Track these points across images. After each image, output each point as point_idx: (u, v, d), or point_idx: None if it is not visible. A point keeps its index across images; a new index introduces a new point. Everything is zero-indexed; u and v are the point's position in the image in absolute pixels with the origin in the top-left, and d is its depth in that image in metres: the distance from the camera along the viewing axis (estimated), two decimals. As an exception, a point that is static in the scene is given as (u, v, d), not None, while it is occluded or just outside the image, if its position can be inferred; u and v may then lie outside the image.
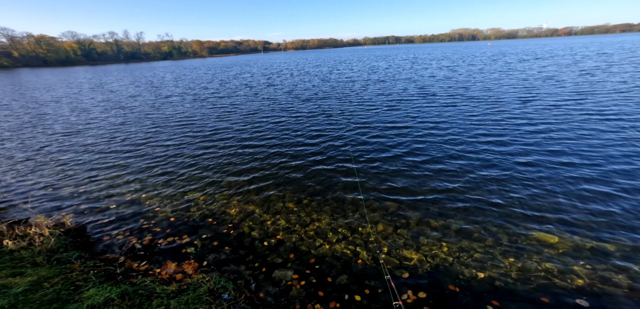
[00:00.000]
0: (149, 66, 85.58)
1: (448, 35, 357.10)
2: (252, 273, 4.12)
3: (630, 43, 61.41)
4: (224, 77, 36.45)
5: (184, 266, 4.07)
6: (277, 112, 14.27)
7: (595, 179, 5.93)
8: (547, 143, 7.92)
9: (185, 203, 6.00)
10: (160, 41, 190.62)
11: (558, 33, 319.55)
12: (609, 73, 19.55)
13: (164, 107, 17.21)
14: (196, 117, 14.05)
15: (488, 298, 3.52)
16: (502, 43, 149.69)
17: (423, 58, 52.12)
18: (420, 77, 24.31)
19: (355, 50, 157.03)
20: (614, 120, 9.48)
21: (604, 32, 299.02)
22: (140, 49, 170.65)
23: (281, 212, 5.55)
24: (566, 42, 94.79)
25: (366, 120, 11.59)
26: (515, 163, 6.89)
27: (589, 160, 6.77)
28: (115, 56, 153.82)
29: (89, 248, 4.48)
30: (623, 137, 8.01)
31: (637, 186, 5.53)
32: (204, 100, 19.24)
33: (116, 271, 3.69)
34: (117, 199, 6.32)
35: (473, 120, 10.54)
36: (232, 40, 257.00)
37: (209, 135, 10.85)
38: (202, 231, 5.04)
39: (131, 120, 14.31)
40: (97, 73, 61.74)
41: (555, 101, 12.47)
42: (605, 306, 3.30)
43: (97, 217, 5.59)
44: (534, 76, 20.55)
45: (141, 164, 8.34)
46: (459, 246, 4.39)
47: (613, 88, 14.31)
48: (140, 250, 4.38)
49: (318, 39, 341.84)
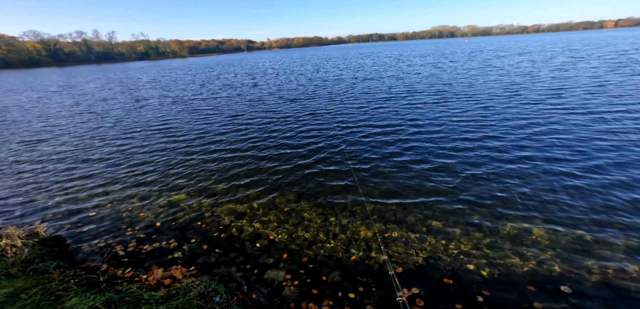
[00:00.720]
0: (124, 67, 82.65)
1: (429, 32, 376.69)
2: (243, 275, 4.14)
3: (593, 39, 66.77)
4: (206, 77, 35.83)
5: (172, 271, 4.03)
6: (263, 113, 14.23)
7: (579, 172, 6.35)
8: (533, 139, 8.37)
9: (171, 208, 5.91)
10: (135, 41, 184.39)
11: (528, 30, 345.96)
12: (579, 68, 20.88)
13: (140, 111, 16.69)
14: (176, 121, 13.76)
15: (478, 289, 3.72)
16: (478, 40, 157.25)
17: (407, 55, 53.63)
18: (406, 74, 24.94)
19: (341, 48, 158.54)
20: (594, 113, 10.15)
21: (568, 29, 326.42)
22: (113, 49, 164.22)
23: (271, 213, 5.59)
24: (536, 39, 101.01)
25: (355, 119, 11.80)
26: (501, 158, 7.25)
27: (573, 154, 7.23)
28: (85, 57, 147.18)
29: (68, 257, 4.34)
30: (605, 130, 8.60)
31: (620, 178, 5.98)
32: (185, 102, 18.84)
33: (99, 279, 3.61)
34: (96, 207, 6.12)
35: (460, 117, 10.96)
36: (213, 40, 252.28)
37: (191, 139, 10.67)
38: (190, 235, 4.99)
39: (105, 125, 13.81)
40: (65, 74, 58.91)
41: (537, 96, 13.18)
42: (586, 292, 3.57)
43: (74, 226, 5.40)
44: (512, 72, 21.63)
45: (120, 171, 8.09)
46: (448, 239, 4.60)
47: (587, 82, 15.31)
48: (124, 257, 4.29)
49: (303, 37, 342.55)
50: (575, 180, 5.93)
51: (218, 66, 59.50)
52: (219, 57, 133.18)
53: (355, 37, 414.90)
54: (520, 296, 3.56)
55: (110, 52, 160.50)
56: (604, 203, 5.16)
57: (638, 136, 7.87)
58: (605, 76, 16.91)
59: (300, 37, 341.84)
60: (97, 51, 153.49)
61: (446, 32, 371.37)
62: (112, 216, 5.69)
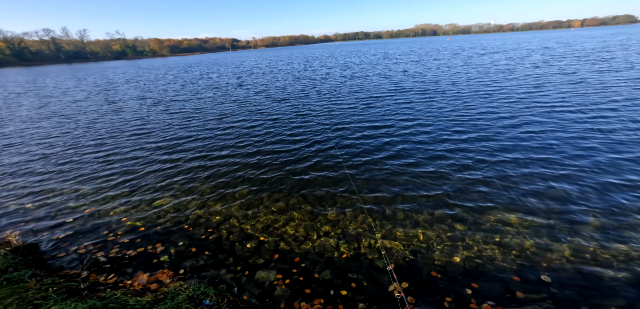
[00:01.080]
0: (98, 67, 79.32)
1: (412, 30, 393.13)
2: (234, 277, 4.12)
3: (564, 38, 71.93)
4: (188, 77, 35.02)
5: (158, 275, 3.95)
6: (249, 113, 14.11)
7: (558, 166, 6.71)
8: (514, 134, 8.75)
9: (155, 212, 5.77)
10: (110, 39, 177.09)
11: (504, 29, 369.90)
12: (557, 66, 22.05)
13: (117, 113, 16.13)
14: (157, 123, 13.40)
15: (467, 281, 3.88)
16: (459, 38, 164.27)
17: (393, 53, 54.75)
18: (394, 72, 25.41)
19: (327, 47, 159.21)
20: (573, 109, 10.74)
21: (539, 28, 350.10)
22: (85, 48, 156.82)
23: (260, 213, 5.58)
24: (512, 37, 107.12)
25: (344, 118, 11.91)
26: (484, 154, 7.55)
27: (552, 148, 7.63)
28: (55, 56, 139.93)
29: (44, 265, 4.15)
30: (583, 125, 9.11)
31: (594, 171, 6.37)
32: (167, 103, 18.37)
33: (80, 286, 3.49)
34: (72, 214, 5.87)
35: (445, 115, 11.29)
36: (196, 39, 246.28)
37: (174, 141, 10.43)
38: (177, 238, 4.90)
39: (79, 128, 13.23)
40: (33, 74, 55.82)
41: (519, 94, 13.79)
42: (563, 281, 3.79)
43: (50, 234, 5.17)
44: (494, 70, 22.56)
45: (97, 176, 7.79)
46: (436, 234, 4.75)
47: (567, 79, 16.17)
48: (106, 263, 4.16)
49: (289, 35, 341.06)
50: (554, 171, 6.28)
51: (202, 65, 58.26)
52: (202, 56, 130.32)
53: (341, 36, 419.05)
54: (504, 287, 3.74)
55: (82, 51, 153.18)
56: (579, 195, 5.49)
57: (612, 128, 8.41)
58: (578, 73, 17.94)
59: (287, 36, 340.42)
60: (68, 50, 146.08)
61: (429, 30, 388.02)
62: (91, 223, 5.48)
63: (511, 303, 3.51)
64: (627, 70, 17.88)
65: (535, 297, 3.58)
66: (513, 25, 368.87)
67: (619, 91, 12.87)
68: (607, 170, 6.29)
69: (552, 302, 3.48)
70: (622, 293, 3.52)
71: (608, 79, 15.62)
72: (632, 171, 6.14)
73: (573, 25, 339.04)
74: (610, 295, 3.51)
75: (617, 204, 5.12)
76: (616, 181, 5.82)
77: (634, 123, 8.87)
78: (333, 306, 3.65)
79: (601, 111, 10.30)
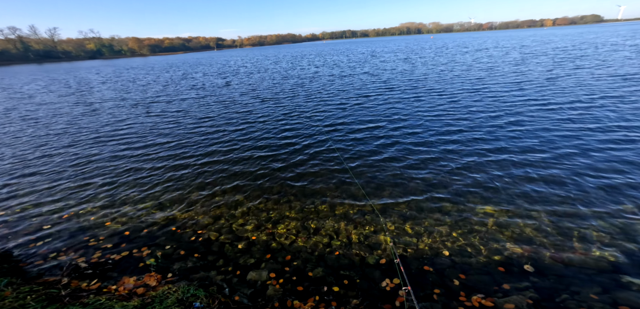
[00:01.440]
0: (71, 67, 76.10)
1: (398, 28, 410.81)
2: (224, 278, 4.09)
3: (539, 36, 77.13)
4: (170, 77, 34.18)
5: (145, 279, 3.87)
6: (236, 114, 13.96)
7: (540, 161, 7.02)
8: (498, 130, 9.08)
9: (139, 215, 5.63)
10: (84, 38, 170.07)
11: (482, 27, 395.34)
12: (536, 63, 23.07)
13: (94, 116, 15.57)
14: (137, 125, 13.04)
15: (454, 273, 4.01)
16: (442, 36, 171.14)
17: (380, 51, 55.59)
18: (382, 70, 25.77)
19: (315, 45, 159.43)
20: (552, 106, 11.27)
21: (515, 26, 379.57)
22: (56, 47, 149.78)
23: (250, 214, 5.55)
24: (490, 36, 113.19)
25: (334, 116, 11.99)
26: (469, 149, 7.81)
27: (534, 143, 7.98)
28: (23, 55, 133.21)
29: (20, 273, 3.96)
30: (561, 123, 9.57)
31: (573, 165, 6.72)
32: (147, 105, 17.89)
33: (61, 293, 3.37)
34: (49, 220, 5.63)
35: (432, 112, 11.57)
36: (178, 38, 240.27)
37: (157, 143, 10.19)
38: (164, 241, 4.80)
39: (51, 132, 12.69)
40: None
41: (501, 90, 14.32)
42: (543, 271, 3.99)
43: (25, 240, 4.94)
44: (477, 67, 23.36)
45: (74, 181, 7.50)
46: (423, 228, 4.89)
47: (545, 77, 16.93)
48: (88, 269, 4.02)
49: (276, 34, 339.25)
50: (539, 170, 6.58)
51: (185, 65, 56.96)
52: (186, 56, 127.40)
53: (328, 34, 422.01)
54: (491, 279, 3.91)
55: (54, 50, 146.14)
56: (558, 189, 5.79)
57: (590, 125, 8.89)
58: (554, 70, 18.83)
59: (274, 35, 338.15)
60: (37, 49, 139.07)
61: (413, 29, 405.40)
62: (69, 229, 5.28)
63: (497, 294, 3.67)
64: (606, 67, 18.93)
65: (520, 286, 3.75)
66: (491, 24, 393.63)
67: (595, 87, 13.60)
68: (584, 162, 6.65)
69: (534, 291, 3.66)
70: (596, 279, 3.75)
71: (584, 76, 16.49)
72: (607, 162, 6.52)
73: (546, 24, 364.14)
74: (587, 282, 3.74)
75: (593, 195, 5.44)
76: (593, 173, 6.17)
77: (610, 117, 9.41)
78: (326, 303, 3.69)
79: (580, 106, 10.86)
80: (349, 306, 3.65)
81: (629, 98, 11.41)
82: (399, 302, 3.62)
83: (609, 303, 3.43)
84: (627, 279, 3.73)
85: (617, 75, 16.23)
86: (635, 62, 20.46)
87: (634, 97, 11.60)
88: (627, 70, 17.52)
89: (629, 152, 6.98)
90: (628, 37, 46.73)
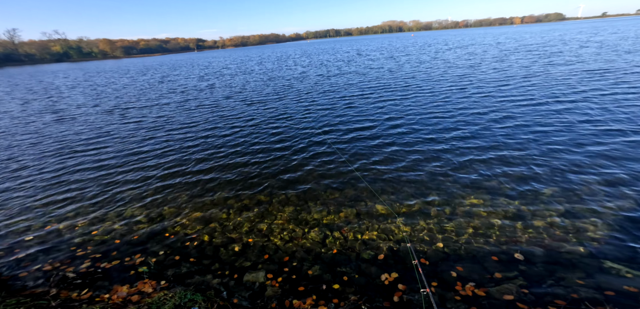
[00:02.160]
0: (35, 70, 72.51)
1: (380, 27, 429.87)
2: (221, 281, 4.11)
3: (511, 33, 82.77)
4: (147, 80, 33.27)
5: (139, 286, 3.84)
6: (220, 117, 13.85)
7: (528, 156, 7.45)
8: (485, 123, 9.52)
9: (127, 222, 5.53)
10: (48, 40, 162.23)
11: (459, 25, 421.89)
12: (512, 60, 24.22)
13: (64, 123, 15.00)
14: (115, 130, 12.69)
15: (451, 265, 4.21)
16: (423, 34, 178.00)
17: (365, 50, 56.73)
18: (369, 69, 26.21)
19: (299, 45, 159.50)
20: (535, 100, 11.90)
21: (488, 24, 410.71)
22: (17, 49, 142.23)
23: (243, 215, 5.58)
24: (466, 33, 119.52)
25: (323, 116, 12.13)
26: (459, 144, 8.15)
27: (520, 138, 8.42)
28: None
29: (4, 286, 3.82)
30: (546, 113, 10.14)
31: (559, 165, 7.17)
32: (123, 110, 17.40)
33: (50, 304, 3.30)
34: (31, 231, 5.44)
35: (420, 110, 11.94)
36: (154, 39, 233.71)
37: (143, 150, 9.98)
38: (156, 247, 4.75)
39: (18, 141, 12.14)
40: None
41: (484, 86, 14.96)
42: (531, 259, 4.27)
43: (6, 253, 4.76)
44: (461, 65, 24.26)
45: (54, 191, 7.25)
46: (417, 222, 5.10)
47: (523, 74, 17.82)
48: (77, 279, 3.94)
49: (259, 34, 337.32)
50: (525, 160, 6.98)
51: (163, 67, 55.56)
52: (163, 58, 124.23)
53: (312, 34, 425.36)
54: (482, 269, 4.13)
55: (14, 53, 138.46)
56: (545, 181, 6.18)
57: (572, 117, 9.49)
58: (534, 67, 19.88)
59: (257, 35, 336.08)
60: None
61: (395, 27, 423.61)
62: (53, 240, 5.12)
63: (490, 283, 3.89)
64: (576, 63, 20.13)
65: (510, 275, 4.00)
66: (467, 22, 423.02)
67: (569, 81, 14.48)
68: (566, 154, 7.11)
69: (523, 279, 3.91)
70: (580, 265, 4.06)
71: (558, 71, 17.49)
72: (588, 154, 7.00)
73: (515, 22, 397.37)
74: (570, 267, 4.04)
75: (575, 184, 5.84)
76: (573, 166, 6.61)
77: (594, 110, 10.07)
78: (325, 300, 3.80)
79: (560, 100, 11.55)
80: (348, 303, 3.77)
81: (607, 92, 12.23)
82: (397, 297, 3.78)
83: (593, 287, 3.70)
84: (608, 264, 4.04)
85: (591, 70, 17.33)
86: (603, 56, 21.86)
87: (612, 90, 12.45)
88: (600, 65, 18.72)
89: (620, 145, 7.37)
90: (591, 34, 50.33)
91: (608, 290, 3.62)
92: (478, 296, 3.70)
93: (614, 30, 57.11)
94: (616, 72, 16.11)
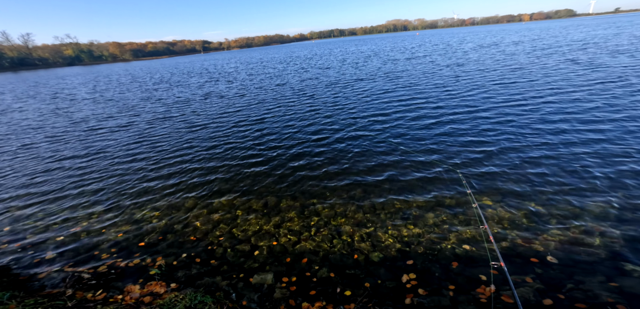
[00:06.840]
0: (48, 74, 74.63)
1: (384, 26, 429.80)
2: (230, 283, 4.21)
3: (522, 31, 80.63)
4: (156, 82, 33.84)
5: (151, 287, 3.96)
6: (231, 116, 14.05)
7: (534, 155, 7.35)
8: (478, 124, 9.42)
9: (137, 225, 5.69)
10: (61, 44, 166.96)
11: (466, 23, 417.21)
12: (534, 57, 23.80)
13: (80, 124, 15.42)
14: (132, 133, 12.99)
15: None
16: (428, 32, 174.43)
17: (381, 50, 54.69)
18: (391, 70, 25.82)
19: (304, 45, 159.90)
20: (537, 99, 11.71)
21: (495, 21, 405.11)
22: (31, 53, 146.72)
23: (251, 217, 5.68)
24: (474, 31, 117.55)
25: (339, 119, 12.20)
26: (453, 143, 8.10)
27: (517, 138, 8.32)
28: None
29: (22, 287, 4.00)
30: (559, 114, 9.98)
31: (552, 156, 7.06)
32: (137, 110, 17.79)
33: (67, 304, 3.44)
34: (46, 232, 5.68)
35: (418, 106, 11.89)
36: (162, 41, 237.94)
37: (154, 153, 10.21)
38: (165, 249, 4.89)
39: (37, 143, 12.54)
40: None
41: (483, 86, 14.77)
42: (547, 262, 4.25)
43: (22, 254, 4.97)
44: (468, 65, 23.90)
45: (68, 193, 7.47)
46: (427, 227, 5.09)
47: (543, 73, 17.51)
48: (91, 279, 4.09)
49: (264, 35, 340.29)
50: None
51: (172, 69, 56.40)
52: (171, 60, 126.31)
53: (317, 34, 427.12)
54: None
55: (29, 56, 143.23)
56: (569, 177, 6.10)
57: (584, 115, 9.31)
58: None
59: (262, 36, 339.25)
60: (10, 56, 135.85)
61: (400, 26, 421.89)
62: (68, 241, 5.32)
63: (504, 286, 3.88)
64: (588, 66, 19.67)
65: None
66: (473, 20, 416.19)
67: (576, 81, 14.20)
68: (580, 154, 7.00)
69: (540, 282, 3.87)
70: (600, 269, 4.01)
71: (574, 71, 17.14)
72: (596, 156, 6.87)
73: (523, 19, 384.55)
74: (590, 272, 3.99)
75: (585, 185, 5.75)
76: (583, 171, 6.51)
77: (610, 109, 9.87)
78: (334, 302, 3.85)
79: (577, 100, 11.34)
80: (357, 305, 3.82)
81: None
82: (408, 298, 3.79)
83: (615, 291, 3.61)
84: (629, 267, 3.96)
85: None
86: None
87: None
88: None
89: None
90: (615, 31, 47.34)
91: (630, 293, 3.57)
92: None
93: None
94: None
